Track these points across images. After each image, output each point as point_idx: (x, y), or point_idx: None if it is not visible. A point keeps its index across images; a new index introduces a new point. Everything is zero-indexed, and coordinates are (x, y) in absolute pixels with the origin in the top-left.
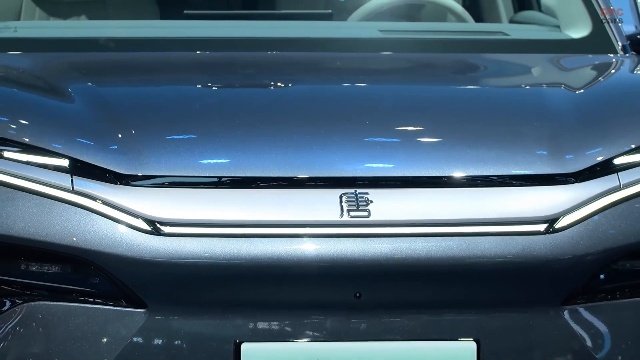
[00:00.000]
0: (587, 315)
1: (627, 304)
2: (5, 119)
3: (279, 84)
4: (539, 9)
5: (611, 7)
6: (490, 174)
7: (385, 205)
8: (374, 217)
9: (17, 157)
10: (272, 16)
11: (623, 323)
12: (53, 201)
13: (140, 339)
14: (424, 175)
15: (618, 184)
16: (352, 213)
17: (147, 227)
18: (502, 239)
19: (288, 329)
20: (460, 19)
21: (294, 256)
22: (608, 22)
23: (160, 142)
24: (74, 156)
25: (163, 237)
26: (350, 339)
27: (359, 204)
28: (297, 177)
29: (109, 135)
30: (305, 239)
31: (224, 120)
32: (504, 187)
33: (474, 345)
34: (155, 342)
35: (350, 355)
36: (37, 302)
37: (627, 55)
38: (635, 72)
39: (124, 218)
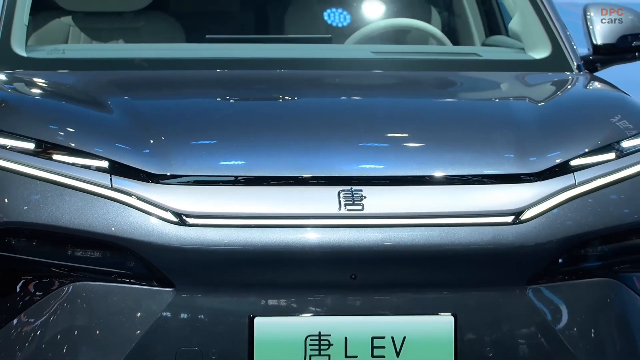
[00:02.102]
0: (547, 293)
1: (581, 284)
2: (55, 127)
3: (286, 97)
4: (507, 34)
5: (568, 33)
6: (466, 173)
7: (377, 200)
8: (367, 211)
9: (64, 159)
10: (281, 40)
11: (578, 300)
12: (95, 197)
13: (168, 314)
14: (410, 174)
15: (574, 182)
16: (348, 207)
17: (174, 219)
18: (475, 229)
19: (294, 305)
20: (440, 42)
21: (299, 243)
22: (565, 45)
23: (186, 146)
24: (112, 158)
25: (188, 227)
26: (346, 314)
27: (354, 199)
28: (302, 176)
29: (142, 141)
30: (308, 228)
31: (240, 127)
32: (478, 184)
33: (451, 319)
34: (181, 316)
35: (347, 327)
36: (81, 282)
37: (581, 73)
38: (587, 87)
39: (155, 211)
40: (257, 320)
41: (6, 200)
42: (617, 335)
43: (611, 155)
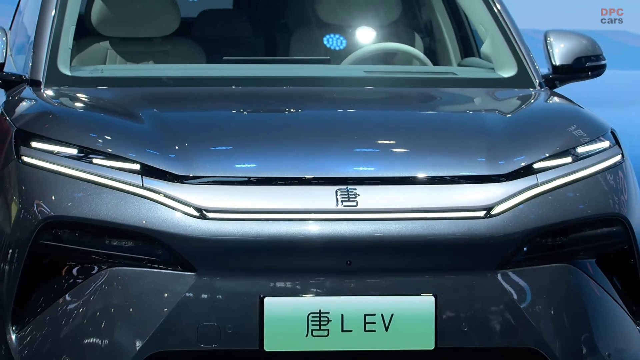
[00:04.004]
0: (514, 277)
1: (543, 268)
2: (94, 135)
3: (291, 110)
4: (479, 56)
5: (531, 55)
6: (445, 174)
7: (369, 197)
8: (360, 206)
9: (102, 162)
10: (287, 61)
11: (539, 282)
12: (128, 195)
13: (191, 294)
14: (397, 175)
15: (536, 182)
16: (344, 203)
17: (196, 214)
18: (453, 222)
19: (298, 286)
20: (422, 63)
21: (302, 234)
22: (529, 66)
23: (206, 151)
24: (143, 162)
25: (208, 220)
26: (343, 294)
27: (349, 196)
28: (304, 177)
29: (169, 147)
30: (310, 222)
31: (252, 135)
32: (455, 184)
33: (432, 298)
34: (202, 297)
35: (343, 306)
36: (117, 267)
37: (542, 89)
38: (548, 101)
39: (179, 207)
40: (267, 300)
41: (53, 198)
42: (572, 311)
43: (568, 159)
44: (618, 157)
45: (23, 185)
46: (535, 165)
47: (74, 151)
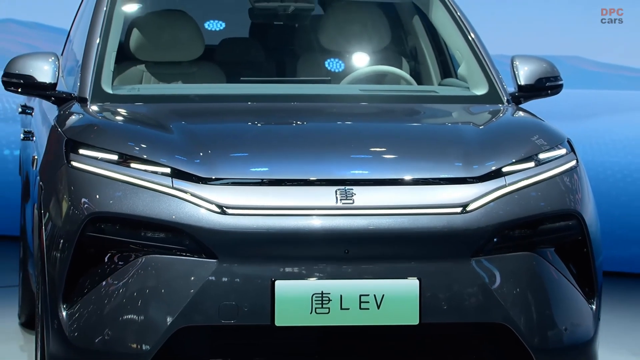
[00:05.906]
0: (486, 263)
1: (510, 256)
2: (132, 143)
3: (298, 122)
4: (456, 77)
5: (500, 76)
6: (428, 177)
7: (364, 196)
8: (357, 204)
9: (138, 166)
10: (294, 81)
11: (507, 268)
12: (160, 194)
13: (213, 278)
14: (388, 177)
15: (505, 183)
16: (343, 201)
17: (217, 210)
18: (434, 217)
19: (304, 271)
20: (408, 82)
21: (307, 227)
22: (498, 85)
23: (226, 157)
24: (173, 166)
25: (228, 216)
26: (341, 278)
27: (347, 195)
28: (309, 179)
29: (195, 153)
30: (314, 217)
31: (265, 143)
32: (436, 185)
33: (417, 281)
34: (223, 280)
35: (342, 288)
36: (151, 255)
37: (509, 105)
38: (514, 115)
39: (203, 204)
40: (277, 283)
41: (97, 197)
42: (535, 292)
43: (532, 164)
44: (573, 162)
45: (72, 186)
46: (504, 169)
47: (114, 157)
